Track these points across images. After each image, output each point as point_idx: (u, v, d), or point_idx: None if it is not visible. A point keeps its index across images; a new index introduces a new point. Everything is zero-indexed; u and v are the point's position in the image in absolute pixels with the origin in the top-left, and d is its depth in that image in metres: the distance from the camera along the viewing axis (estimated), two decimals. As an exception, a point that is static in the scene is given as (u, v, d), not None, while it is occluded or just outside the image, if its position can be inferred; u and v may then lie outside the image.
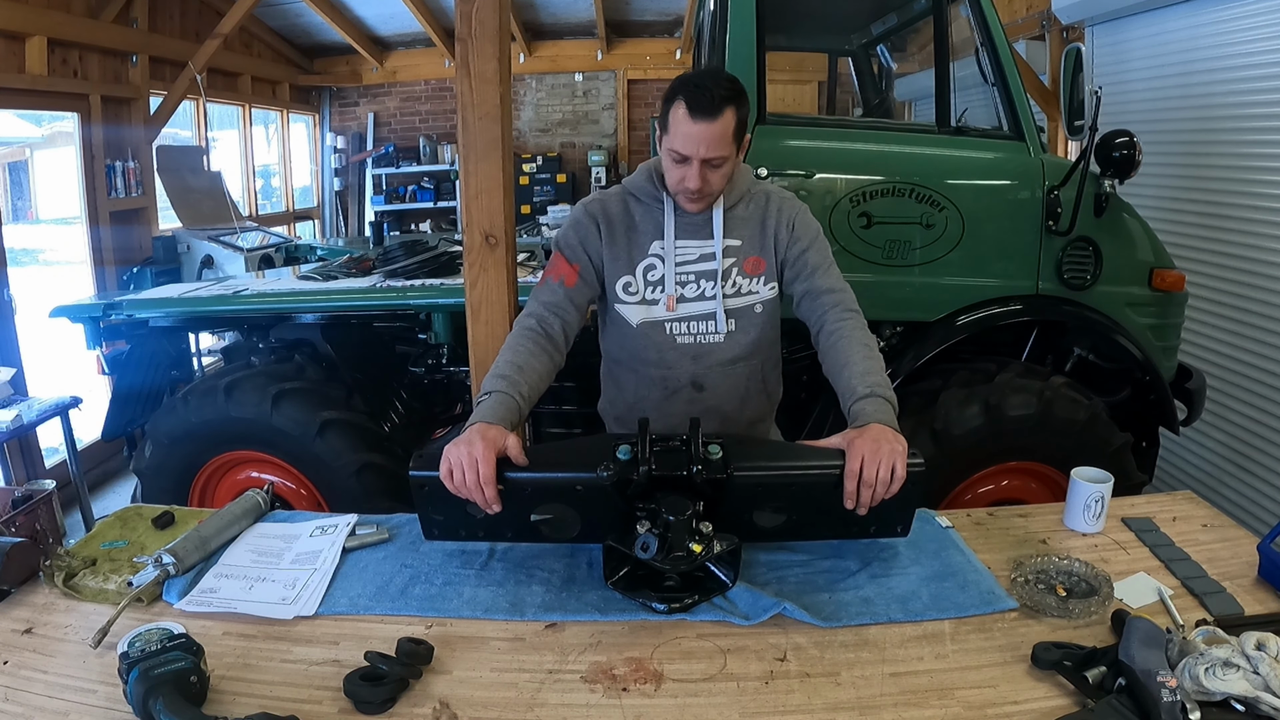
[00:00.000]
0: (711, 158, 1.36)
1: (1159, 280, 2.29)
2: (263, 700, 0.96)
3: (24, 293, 3.53)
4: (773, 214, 1.51)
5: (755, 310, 1.51)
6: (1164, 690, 0.86)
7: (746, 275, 1.51)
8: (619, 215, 1.51)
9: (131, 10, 4.31)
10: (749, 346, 1.52)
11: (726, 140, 1.35)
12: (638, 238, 1.50)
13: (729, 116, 1.34)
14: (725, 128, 1.34)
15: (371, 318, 2.71)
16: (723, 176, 1.41)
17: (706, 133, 1.33)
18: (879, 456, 1.13)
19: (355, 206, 7.11)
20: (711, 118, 1.32)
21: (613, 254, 1.50)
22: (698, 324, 1.50)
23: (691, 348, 1.51)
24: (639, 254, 1.50)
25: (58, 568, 1.22)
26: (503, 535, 1.26)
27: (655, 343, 1.51)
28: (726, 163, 1.39)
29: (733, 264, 1.50)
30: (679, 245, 1.49)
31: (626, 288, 1.50)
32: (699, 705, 0.96)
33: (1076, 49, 2.14)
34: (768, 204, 1.52)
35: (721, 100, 1.33)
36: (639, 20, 6.65)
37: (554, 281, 1.49)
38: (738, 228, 1.51)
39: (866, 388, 1.29)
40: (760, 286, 1.51)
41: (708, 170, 1.38)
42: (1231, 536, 1.33)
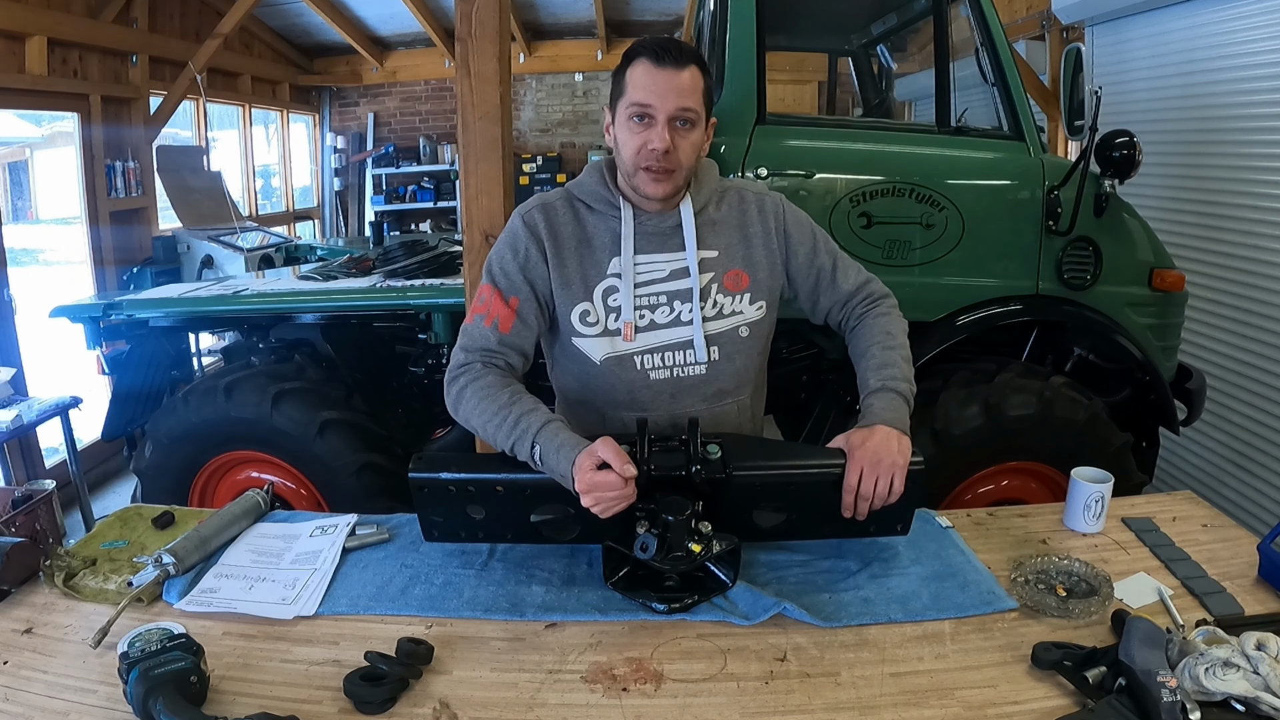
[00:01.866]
0: (683, 108, 1.17)
1: (1159, 280, 2.29)
2: (263, 700, 0.96)
3: (24, 293, 3.53)
4: (753, 218, 1.32)
5: (740, 334, 1.30)
6: (1164, 690, 0.86)
7: (728, 292, 1.29)
8: (568, 227, 1.27)
9: (131, 10, 4.31)
10: (735, 378, 1.32)
11: (697, 94, 1.18)
12: (592, 255, 1.27)
13: (698, 73, 1.19)
14: (695, 81, 1.18)
15: (371, 318, 2.71)
16: (692, 147, 1.21)
17: (675, 80, 1.16)
18: (878, 471, 1.12)
19: (355, 206, 7.11)
20: (679, 67, 1.16)
21: (563, 278, 1.26)
22: (673, 354, 1.28)
23: (669, 384, 1.29)
24: (595, 275, 1.27)
25: (58, 568, 1.22)
26: (502, 536, 1.26)
27: (624, 380, 1.28)
28: (696, 129, 1.20)
29: (710, 279, 1.28)
30: (644, 260, 1.26)
31: (584, 317, 1.27)
32: (699, 705, 0.96)
33: (1076, 49, 2.14)
34: (742, 205, 1.33)
35: (686, 54, 1.18)
36: (639, 20, 6.65)
37: (484, 324, 1.23)
38: (711, 236, 1.29)
39: (879, 380, 1.24)
40: (745, 305, 1.30)
41: (676, 133, 1.18)
42: (1231, 536, 1.33)
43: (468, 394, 1.20)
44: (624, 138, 1.22)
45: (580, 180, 1.32)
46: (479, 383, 1.20)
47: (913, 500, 1.21)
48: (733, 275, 1.30)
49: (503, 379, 1.21)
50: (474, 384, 1.20)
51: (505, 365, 1.24)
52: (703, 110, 1.21)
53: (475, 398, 1.18)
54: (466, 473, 1.18)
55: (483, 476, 1.18)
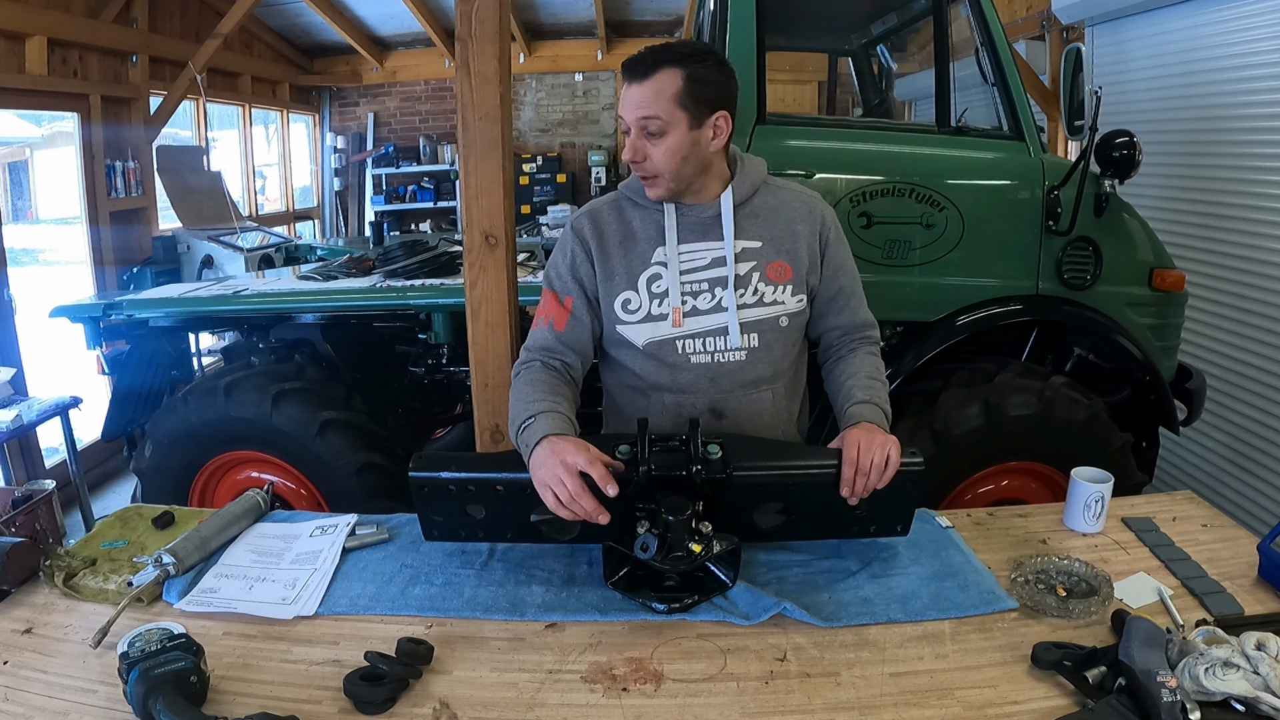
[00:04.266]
0: (644, 117, 1.22)
1: (1159, 280, 2.29)
2: (263, 700, 0.96)
3: (24, 293, 3.53)
4: (802, 217, 1.35)
5: (780, 324, 1.34)
6: (1164, 690, 0.86)
7: (770, 282, 1.33)
8: (612, 225, 1.35)
9: (131, 10, 4.31)
10: (772, 366, 1.36)
11: (662, 101, 1.21)
12: (637, 247, 1.34)
13: (666, 78, 1.21)
14: (659, 89, 1.21)
15: (371, 318, 2.71)
16: (667, 152, 1.24)
17: (636, 94, 1.23)
18: (873, 445, 1.15)
19: (355, 206, 7.12)
20: (641, 78, 1.22)
21: (607, 271, 1.34)
22: (714, 339, 1.33)
23: (709, 368, 1.33)
24: (640, 265, 1.33)
25: (58, 568, 1.22)
26: (502, 535, 1.26)
27: (667, 364, 1.34)
28: (668, 134, 1.23)
29: (752, 268, 1.32)
30: (686, 249, 1.32)
31: (627, 305, 1.33)
32: (699, 705, 0.96)
33: (1076, 49, 2.14)
34: (794, 204, 1.36)
35: (656, 61, 1.22)
36: (639, 20, 6.65)
37: (543, 325, 1.35)
38: (755, 227, 1.34)
39: (865, 395, 1.29)
40: (786, 296, 1.34)
41: (645, 141, 1.24)
42: (1231, 536, 1.33)
43: (513, 386, 1.29)
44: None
45: (629, 180, 1.39)
46: (525, 377, 1.29)
47: (912, 500, 1.22)
48: (776, 266, 1.34)
49: (551, 377, 1.29)
50: (522, 377, 1.30)
51: (562, 364, 1.33)
52: (676, 114, 1.23)
53: (516, 389, 1.28)
54: (466, 472, 1.18)
55: (483, 476, 1.18)
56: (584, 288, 1.35)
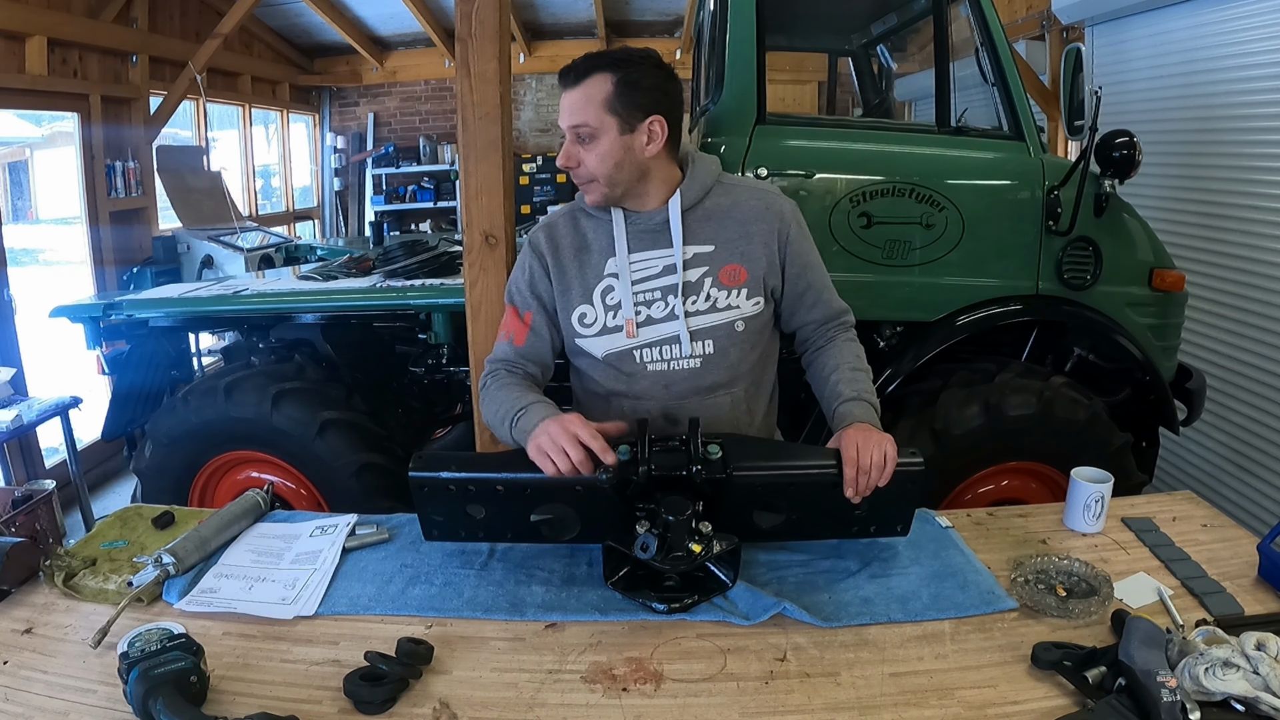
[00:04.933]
0: (573, 125, 1.23)
1: (1159, 280, 2.29)
2: (263, 700, 0.96)
3: (24, 293, 3.53)
4: (757, 217, 1.33)
5: (736, 328, 1.32)
6: (1164, 690, 0.86)
7: (723, 286, 1.31)
8: (568, 238, 1.35)
9: (131, 10, 4.31)
10: (729, 371, 1.34)
11: (591, 107, 1.22)
12: (591, 259, 1.33)
13: (596, 83, 1.21)
14: (589, 94, 1.22)
15: (371, 318, 2.71)
16: (599, 157, 1.24)
17: (567, 99, 1.24)
18: (870, 444, 1.15)
19: (355, 206, 7.11)
20: (572, 84, 1.23)
21: (563, 285, 1.34)
22: (669, 347, 1.32)
23: (663, 375, 1.33)
24: (594, 277, 1.33)
25: (58, 568, 1.22)
26: (503, 535, 1.26)
27: (625, 372, 1.35)
28: (599, 139, 1.23)
29: (704, 274, 1.31)
30: (638, 258, 1.31)
31: (583, 319, 1.34)
32: (699, 705, 0.96)
33: (1076, 49, 2.14)
34: (749, 203, 1.33)
35: (588, 67, 1.22)
36: (639, 20, 6.65)
37: (504, 339, 1.37)
38: (707, 230, 1.32)
39: (853, 392, 1.30)
40: (741, 300, 1.32)
41: (578, 147, 1.25)
42: (1231, 536, 1.33)
43: (485, 396, 1.31)
44: None
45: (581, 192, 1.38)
46: (496, 383, 1.31)
47: (912, 500, 1.22)
48: (730, 270, 1.32)
49: (519, 381, 1.32)
50: (492, 385, 1.32)
51: (524, 374, 1.35)
52: (606, 119, 1.23)
53: (490, 396, 1.30)
54: (466, 472, 1.18)
55: (483, 476, 1.18)
56: (543, 303, 1.36)
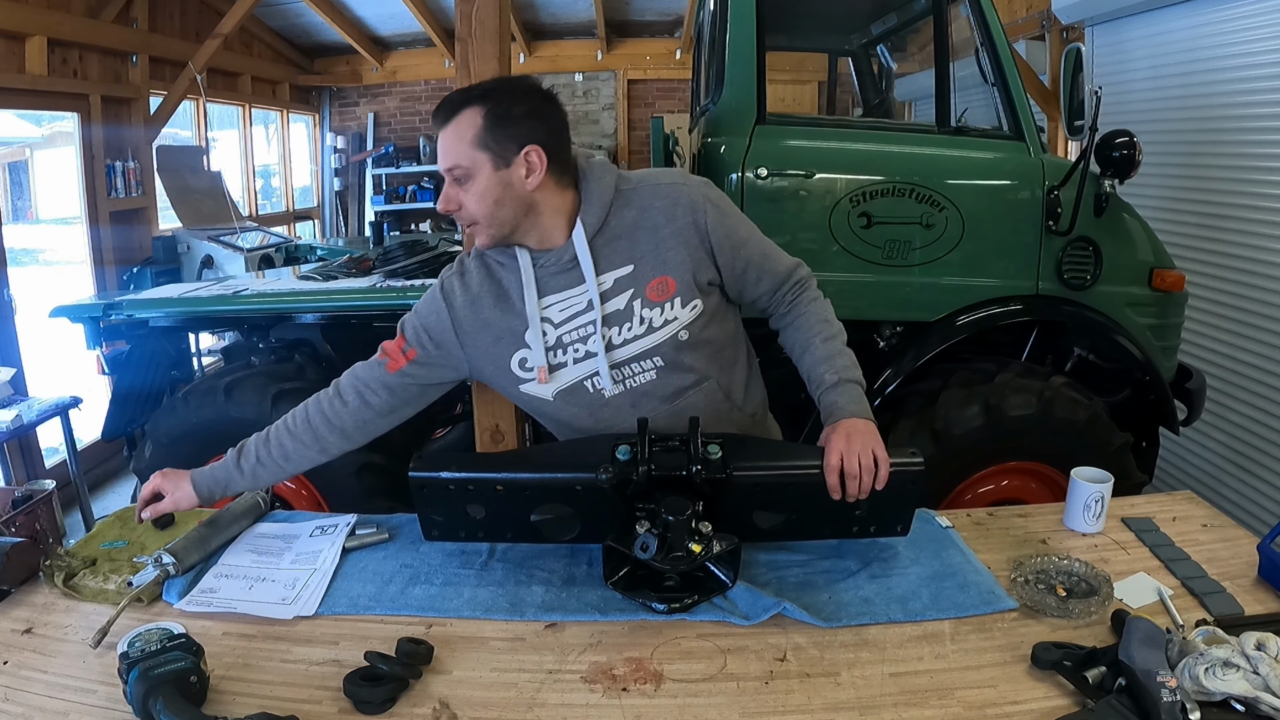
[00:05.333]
0: (448, 167, 1.17)
1: (1159, 280, 2.29)
2: (263, 700, 0.96)
3: (24, 293, 3.53)
4: (666, 218, 1.23)
5: (680, 338, 1.25)
6: (1164, 690, 0.86)
7: (653, 304, 1.23)
8: (484, 287, 1.27)
9: (131, 10, 4.31)
10: (690, 373, 1.28)
11: (462, 146, 1.15)
12: (511, 306, 1.26)
13: (466, 119, 1.15)
14: (459, 133, 1.15)
15: (371, 318, 2.70)
16: (477, 198, 1.17)
17: (440, 143, 1.17)
18: (855, 447, 1.13)
19: (355, 206, 7.11)
20: (442, 124, 1.17)
21: (491, 335, 1.27)
22: (619, 370, 1.26)
23: (627, 395, 1.28)
24: (520, 323, 1.26)
25: (58, 568, 1.22)
26: (503, 535, 1.26)
27: (584, 406, 1.29)
28: (475, 179, 1.16)
29: (631, 297, 1.23)
30: (556, 299, 1.24)
31: (523, 364, 1.27)
32: (699, 705, 0.96)
33: (1076, 49, 2.14)
34: (653, 206, 1.24)
35: (457, 103, 1.16)
36: (639, 20, 6.65)
37: (378, 358, 1.31)
38: (620, 251, 1.23)
39: (834, 374, 1.25)
40: (676, 310, 1.24)
41: (456, 189, 1.18)
42: (1231, 536, 1.33)
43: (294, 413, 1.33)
44: None
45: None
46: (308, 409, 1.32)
47: (912, 500, 1.22)
48: (656, 284, 1.23)
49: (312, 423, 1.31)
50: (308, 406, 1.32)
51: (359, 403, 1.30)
52: (478, 156, 1.16)
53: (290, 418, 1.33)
54: (466, 472, 1.18)
55: (483, 476, 1.18)
56: (434, 350, 1.29)
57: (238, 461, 1.31)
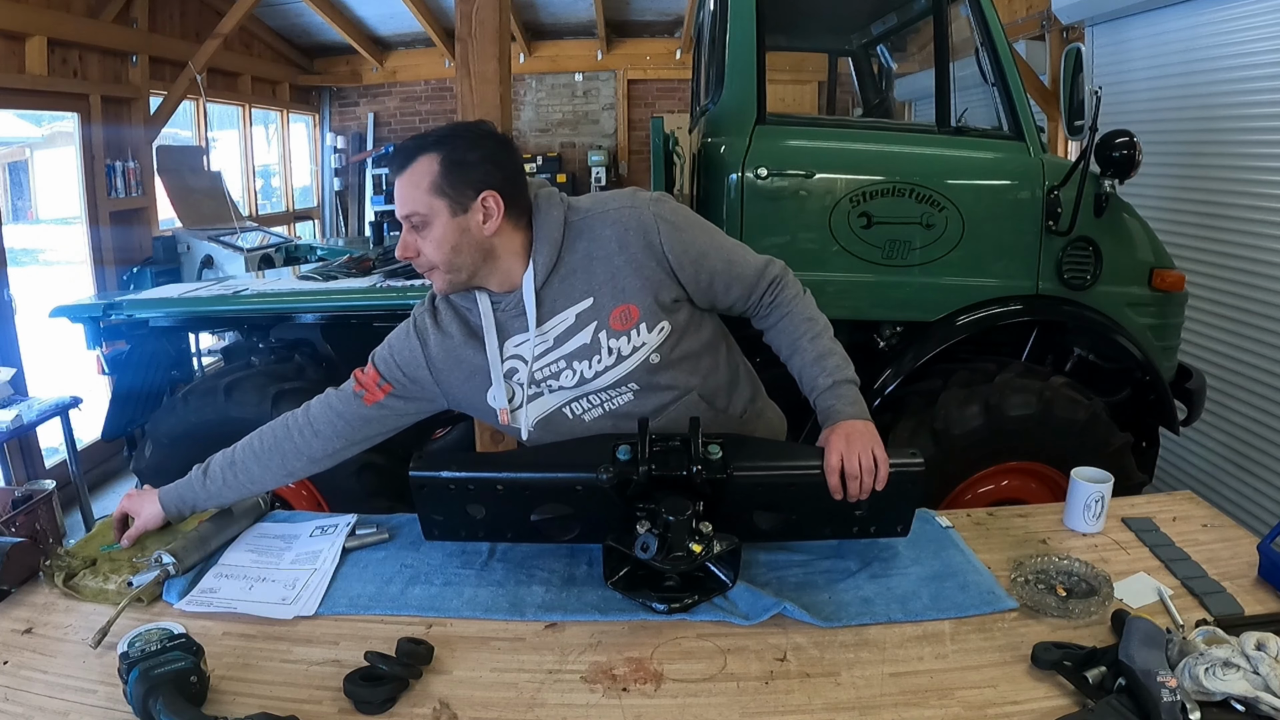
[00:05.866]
0: (406, 214, 1.16)
1: (1159, 280, 2.29)
2: (263, 700, 0.96)
3: (24, 293, 3.53)
4: (619, 245, 1.20)
5: (652, 361, 1.23)
6: (1164, 690, 0.86)
7: (617, 334, 1.21)
8: (453, 324, 1.27)
9: (131, 10, 4.31)
10: (669, 391, 1.27)
11: (419, 193, 1.14)
12: (482, 345, 1.26)
13: (422, 166, 1.14)
14: (415, 180, 1.14)
15: (371, 318, 2.70)
16: (436, 243, 1.16)
17: (396, 188, 1.17)
18: (855, 447, 1.14)
19: (355, 206, 7.11)
20: (399, 170, 1.16)
21: (463, 372, 1.26)
22: (597, 395, 1.26)
23: (607, 417, 1.27)
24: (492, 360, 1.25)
25: (58, 568, 1.22)
26: (503, 535, 1.26)
27: (564, 433, 1.29)
28: (432, 225, 1.15)
29: (595, 329, 1.22)
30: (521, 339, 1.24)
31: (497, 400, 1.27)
32: (699, 705, 0.96)
33: (1076, 49, 2.14)
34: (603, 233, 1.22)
35: (414, 150, 1.15)
36: (639, 20, 6.65)
37: (354, 389, 1.29)
38: (577, 286, 1.21)
39: (828, 377, 1.24)
40: (644, 335, 1.22)
41: (414, 236, 1.17)
42: (1231, 536, 1.33)
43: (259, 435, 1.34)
44: None
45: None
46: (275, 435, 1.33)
47: (912, 500, 1.22)
48: (618, 313, 1.21)
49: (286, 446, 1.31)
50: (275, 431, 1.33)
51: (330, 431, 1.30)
52: (435, 202, 1.14)
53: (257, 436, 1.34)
54: (467, 471, 1.18)
55: (483, 475, 1.18)
56: (409, 385, 1.28)
57: (203, 482, 1.32)
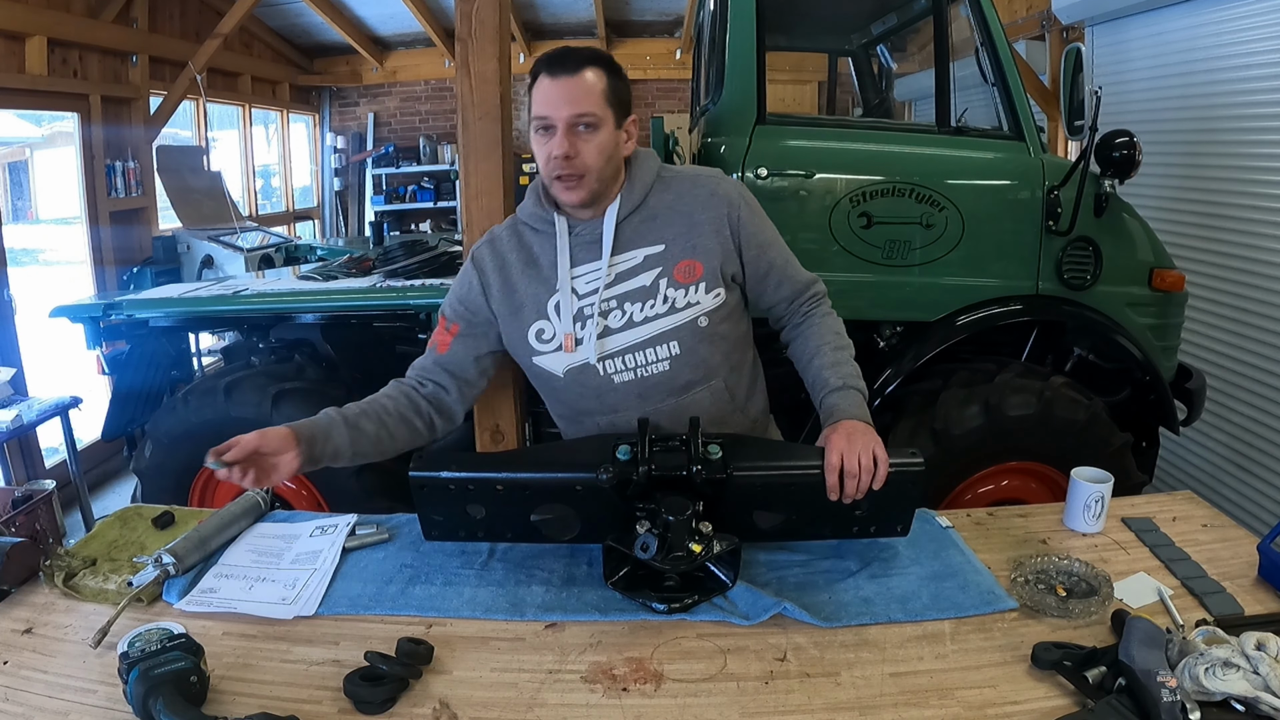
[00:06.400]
0: (580, 113, 1.19)
1: (1159, 280, 2.29)
2: (263, 700, 0.96)
3: (24, 293, 3.53)
4: (703, 205, 1.29)
5: (699, 324, 1.27)
6: (1164, 690, 0.86)
7: (679, 285, 1.27)
8: (514, 254, 1.32)
9: (131, 10, 4.31)
10: (701, 368, 1.30)
11: (593, 98, 1.19)
12: (541, 273, 1.30)
13: (594, 75, 1.20)
14: (590, 85, 1.20)
15: (371, 318, 2.71)
16: (598, 149, 1.21)
17: (567, 88, 1.19)
18: (855, 447, 1.14)
19: (355, 206, 7.11)
20: (571, 73, 1.19)
21: (512, 303, 1.30)
22: (633, 355, 1.28)
23: (635, 384, 1.29)
24: (546, 292, 1.29)
25: (58, 568, 1.22)
26: (502, 536, 1.26)
27: (591, 389, 1.30)
28: (599, 130, 1.21)
29: (658, 275, 1.27)
30: (586, 270, 1.28)
31: (541, 335, 1.30)
32: (699, 705, 0.96)
33: (1076, 49, 2.14)
34: (692, 193, 1.30)
35: (583, 60, 1.20)
36: (639, 20, 6.65)
37: (430, 346, 1.36)
38: (654, 230, 1.28)
39: (839, 380, 1.28)
40: (700, 295, 1.27)
41: (576, 137, 1.20)
42: (1231, 536, 1.33)
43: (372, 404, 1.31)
44: (536, 151, 1.25)
45: (523, 204, 1.36)
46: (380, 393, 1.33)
47: (912, 500, 1.22)
48: (684, 266, 1.27)
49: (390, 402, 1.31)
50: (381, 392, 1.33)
51: (434, 386, 1.34)
52: (606, 111, 1.22)
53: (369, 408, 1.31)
54: (466, 471, 1.18)
55: (483, 475, 1.18)
56: (471, 320, 1.34)
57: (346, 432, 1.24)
